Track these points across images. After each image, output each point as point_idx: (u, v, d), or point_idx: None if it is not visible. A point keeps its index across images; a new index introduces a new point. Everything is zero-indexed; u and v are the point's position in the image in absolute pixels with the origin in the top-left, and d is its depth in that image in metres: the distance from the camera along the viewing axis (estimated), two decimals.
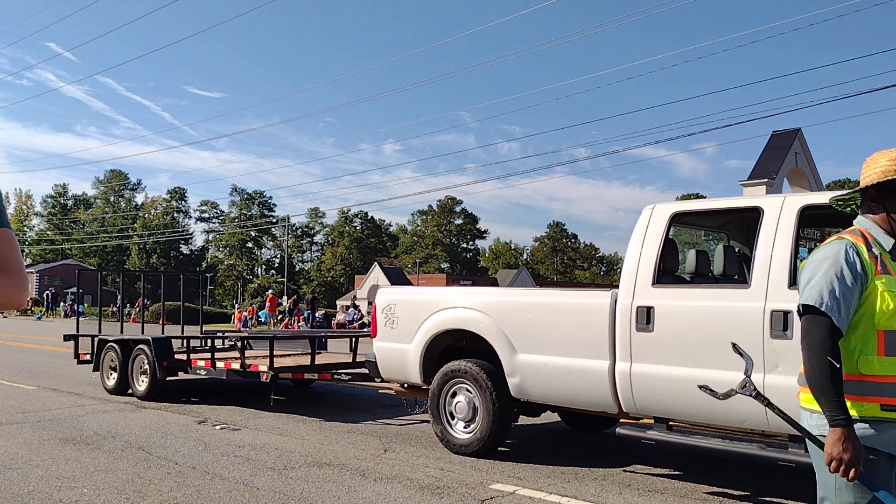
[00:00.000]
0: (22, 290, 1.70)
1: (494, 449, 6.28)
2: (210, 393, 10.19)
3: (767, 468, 6.25)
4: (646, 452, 6.81)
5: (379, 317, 7.07)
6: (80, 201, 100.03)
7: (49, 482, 5.30)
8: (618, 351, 5.39)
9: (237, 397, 9.70)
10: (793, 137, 27.72)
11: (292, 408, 9.02)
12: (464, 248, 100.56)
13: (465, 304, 6.42)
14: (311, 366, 8.98)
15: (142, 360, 9.54)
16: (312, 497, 5.01)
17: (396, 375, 7.03)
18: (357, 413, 8.80)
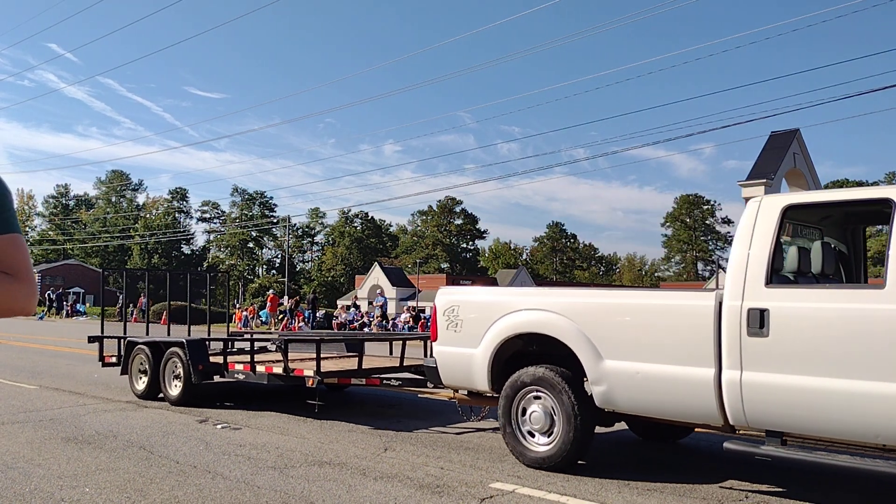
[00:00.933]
0: (32, 297, 1.67)
1: (574, 462, 5.82)
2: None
3: (768, 469, 6.28)
4: (645, 452, 6.85)
5: (439, 319, 6.64)
6: (82, 201, 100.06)
7: (51, 481, 5.33)
8: (725, 358, 4.93)
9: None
10: (791, 138, 27.72)
11: (293, 407, 9.05)
12: (464, 248, 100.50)
13: (542, 305, 5.99)
14: (359, 370, 8.45)
15: (174, 364, 9.15)
16: (313, 496, 5.04)
17: (460, 382, 6.59)
18: (358, 415, 8.81)
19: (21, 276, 1.67)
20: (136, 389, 9.70)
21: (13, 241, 1.70)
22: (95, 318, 43.66)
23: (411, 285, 59.52)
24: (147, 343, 9.70)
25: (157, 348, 9.50)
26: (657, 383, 5.29)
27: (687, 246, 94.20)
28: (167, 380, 9.27)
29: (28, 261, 1.71)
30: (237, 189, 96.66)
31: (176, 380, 9.17)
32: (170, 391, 9.20)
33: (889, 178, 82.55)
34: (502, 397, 6.11)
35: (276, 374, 8.37)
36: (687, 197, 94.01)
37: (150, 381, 9.45)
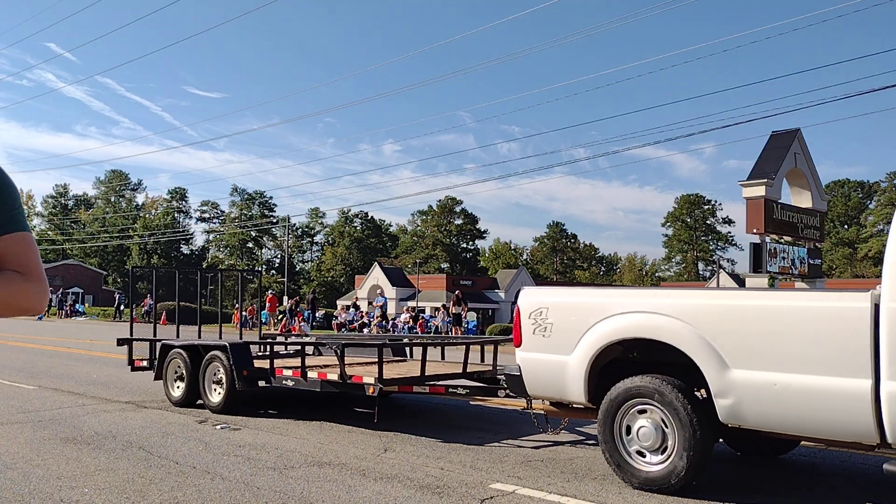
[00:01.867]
0: (42, 295, 1.66)
1: (690, 484, 5.21)
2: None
3: (768, 470, 6.25)
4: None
5: (524, 323, 6.13)
6: (81, 201, 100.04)
7: (50, 482, 5.32)
8: (884, 367, 4.41)
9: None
10: (792, 137, 27.70)
11: (292, 408, 9.03)
12: (464, 248, 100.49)
13: (651, 308, 5.41)
14: (422, 377, 7.77)
15: (215, 369, 8.58)
16: (313, 496, 5.03)
17: (549, 392, 6.05)
18: (358, 415, 8.79)
19: (32, 274, 1.66)
20: (171, 396, 9.13)
21: (23, 239, 1.68)
22: (94, 319, 43.66)
23: (411, 285, 59.50)
24: (184, 346, 9.09)
25: (196, 352, 8.93)
26: (798, 396, 4.72)
27: (688, 246, 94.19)
28: (207, 386, 8.67)
29: (38, 259, 1.70)
30: (237, 189, 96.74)
31: (217, 386, 8.59)
32: (210, 398, 8.60)
33: (889, 178, 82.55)
34: (602, 411, 5.52)
35: (330, 381, 7.73)
36: (688, 197, 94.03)
37: (188, 387, 8.87)
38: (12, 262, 1.64)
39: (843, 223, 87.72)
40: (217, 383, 8.60)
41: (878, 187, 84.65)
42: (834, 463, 6.53)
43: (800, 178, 28.61)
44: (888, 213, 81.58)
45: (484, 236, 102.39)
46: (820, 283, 28.75)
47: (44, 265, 1.70)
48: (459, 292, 28.56)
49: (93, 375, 12.29)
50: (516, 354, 6.22)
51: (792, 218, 27.70)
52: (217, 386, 8.60)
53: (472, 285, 63.38)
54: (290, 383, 8.13)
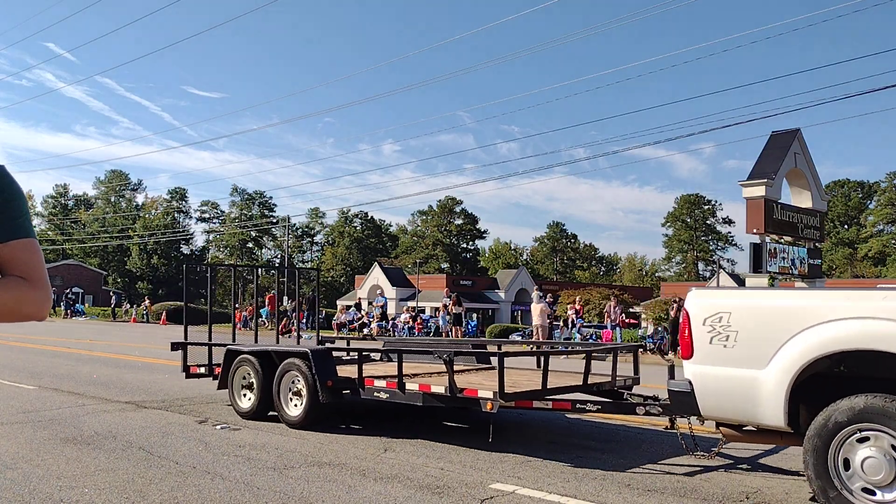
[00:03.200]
0: (45, 302, 1.67)
1: None
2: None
3: (768, 470, 6.26)
4: (645, 453, 6.83)
5: (697, 330, 5.28)
6: (81, 201, 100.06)
7: (50, 482, 5.32)
8: None
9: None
10: (792, 137, 27.69)
11: None
12: (464, 248, 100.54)
13: (880, 312, 4.51)
14: (544, 390, 6.82)
15: (293, 378, 7.73)
16: (313, 496, 5.03)
17: (731, 413, 5.15)
18: (357, 416, 8.79)
19: (36, 281, 1.66)
20: (238, 407, 8.30)
21: (29, 245, 1.69)
22: (94, 319, 43.68)
23: (411, 285, 59.50)
24: (255, 352, 8.23)
25: (269, 359, 8.10)
26: None
27: (688, 246, 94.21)
28: (283, 397, 7.81)
29: (43, 266, 1.71)
30: (237, 189, 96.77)
31: (295, 397, 7.72)
32: (287, 411, 7.74)
33: (889, 178, 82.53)
34: (810, 439, 4.65)
35: (435, 395, 6.86)
36: (688, 197, 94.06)
37: (260, 397, 8.02)
38: (16, 268, 1.65)
39: (843, 223, 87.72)
40: (295, 394, 7.72)
41: (878, 187, 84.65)
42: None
43: (800, 178, 28.62)
44: (888, 213, 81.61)
45: (484, 236, 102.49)
46: (820, 283, 28.75)
47: None
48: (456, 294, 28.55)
49: (93, 375, 12.30)
50: (685, 367, 5.38)
51: (792, 218, 27.71)
52: (295, 398, 7.72)
53: (472, 285, 63.40)
54: (383, 396, 7.20)
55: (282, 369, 7.86)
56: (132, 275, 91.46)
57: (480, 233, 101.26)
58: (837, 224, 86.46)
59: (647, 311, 37.17)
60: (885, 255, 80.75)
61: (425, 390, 6.94)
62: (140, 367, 14.01)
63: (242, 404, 8.28)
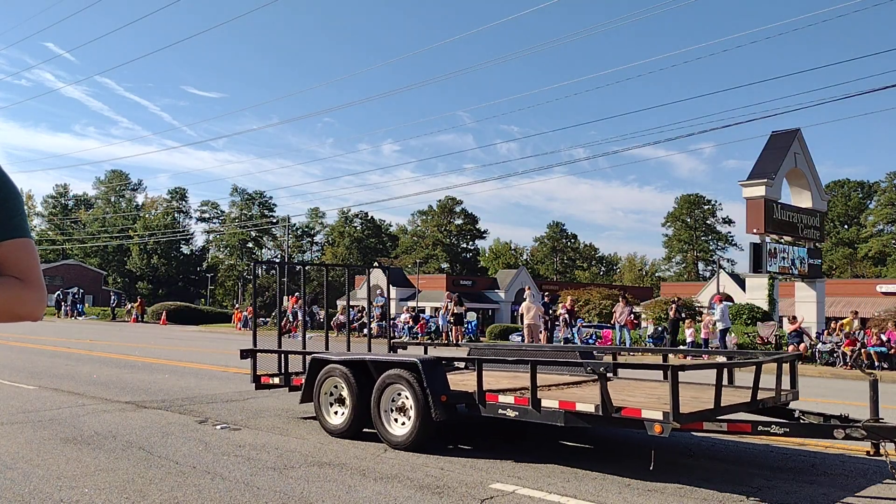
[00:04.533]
0: (40, 303, 1.66)
1: None
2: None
3: (769, 469, 6.26)
4: (645, 453, 6.83)
5: None
6: (81, 201, 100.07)
7: (50, 482, 5.32)
8: None
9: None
10: (792, 137, 27.71)
11: (292, 407, 9.03)
12: (464, 248, 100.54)
13: None
14: (717, 409, 5.75)
15: (396, 392, 6.78)
16: (313, 496, 5.03)
17: None
18: None
19: (31, 281, 1.65)
20: (327, 423, 7.36)
21: (24, 245, 1.67)
22: (94, 319, 43.65)
23: (411, 285, 59.48)
24: (347, 362, 7.37)
25: (364, 369, 7.22)
26: None
27: (688, 246, 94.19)
28: (383, 413, 6.86)
29: (38, 266, 1.69)
30: (237, 189, 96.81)
31: (399, 414, 6.77)
32: (389, 429, 6.78)
33: (889, 178, 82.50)
34: None
35: (581, 414, 5.82)
36: (688, 197, 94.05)
37: (354, 413, 7.11)
38: (11, 268, 1.64)
39: (843, 223, 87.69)
40: (399, 411, 6.77)
41: (878, 187, 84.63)
42: (834, 462, 6.52)
43: (800, 178, 28.63)
44: (888, 213, 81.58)
45: (484, 236, 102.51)
46: (820, 283, 28.76)
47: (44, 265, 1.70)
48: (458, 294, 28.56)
49: (93, 375, 12.29)
50: None
51: (792, 218, 27.72)
52: (399, 414, 6.77)
53: (472, 285, 63.39)
54: (510, 413, 6.21)
55: (382, 382, 6.88)
56: (132, 275, 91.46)
57: (480, 233, 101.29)
58: (837, 224, 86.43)
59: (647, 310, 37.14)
60: (885, 255, 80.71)
61: (568, 408, 5.88)
62: (140, 367, 14.01)
63: (332, 420, 7.34)
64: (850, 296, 47.37)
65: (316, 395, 7.52)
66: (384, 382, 6.87)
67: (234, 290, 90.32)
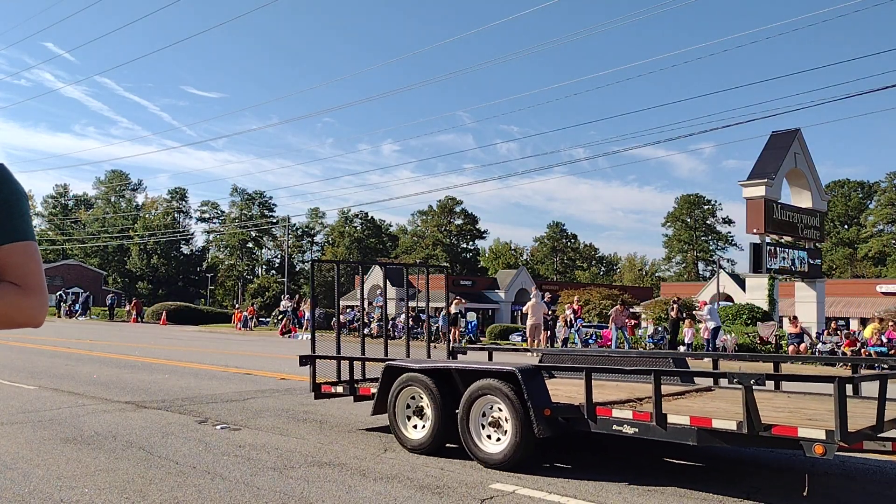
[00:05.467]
0: (40, 309, 1.60)
1: None
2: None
3: (768, 469, 6.26)
4: (645, 453, 6.82)
5: None
6: (81, 201, 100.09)
7: (50, 482, 5.31)
8: None
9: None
10: (792, 137, 27.72)
11: (293, 407, 9.03)
12: (464, 248, 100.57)
13: None
14: (880, 424, 5.04)
15: (489, 404, 6.11)
16: (313, 497, 5.03)
17: None
18: (357, 416, 8.79)
19: (31, 287, 1.59)
20: (404, 437, 6.68)
21: (26, 249, 1.61)
22: (95, 319, 43.64)
23: (411, 285, 59.49)
24: (429, 370, 6.66)
25: (448, 379, 6.58)
26: None
27: (688, 246, 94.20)
28: (473, 428, 6.17)
29: (41, 271, 1.63)
30: (237, 189, 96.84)
31: (492, 429, 6.08)
32: (480, 445, 6.09)
33: (889, 178, 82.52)
34: None
35: (720, 431, 5.09)
36: (688, 197, 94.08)
37: (437, 426, 6.42)
38: (11, 273, 1.58)
39: (843, 223, 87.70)
40: (493, 426, 6.09)
41: (878, 187, 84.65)
42: (833, 462, 6.52)
43: (800, 178, 28.64)
44: (888, 213, 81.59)
45: (484, 236, 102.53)
46: (820, 283, 28.76)
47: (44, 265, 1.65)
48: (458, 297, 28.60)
49: (93, 375, 12.29)
50: None
51: (792, 218, 27.73)
52: (493, 429, 6.09)
53: (472, 285, 63.41)
54: (627, 430, 5.50)
55: (472, 393, 6.20)
56: (132, 275, 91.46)
57: (480, 233, 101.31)
58: (837, 224, 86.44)
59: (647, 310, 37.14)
60: (885, 255, 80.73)
61: (702, 425, 5.12)
62: (140, 367, 14.01)
63: (411, 434, 6.67)
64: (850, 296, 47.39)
65: (391, 406, 6.81)
66: (474, 394, 6.18)
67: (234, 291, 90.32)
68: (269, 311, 38.86)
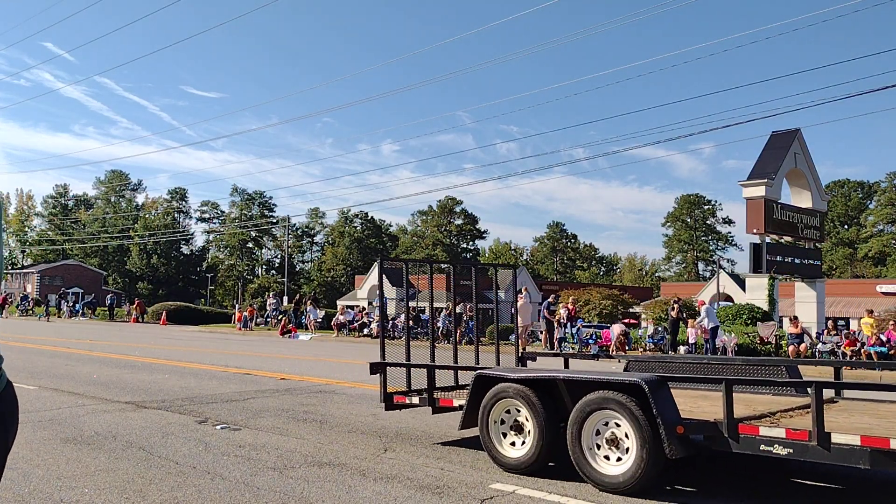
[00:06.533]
0: None
1: None
2: None
3: (766, 470, 6.25)
4: None
5: None
6: (81, 202, 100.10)
7: (50, 482, 5.32)
8: None
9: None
10: (792, 137, 27.71)
11: (293, 408, 9.03)
12: (464, 249, 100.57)
13: None
14: None
15: (604, 419, 5.40)
16: (313, 497, 5.03)
17: None
18: (357, 416, 8.78)
19: None
20: (500, 454, 5.99)
21: None
22: (95, 319, 43.64)
23: (411, 285, 59.46)
24: (529, 381, 5.98)
25: (552, 390, 5.92)
26: None
27: (688, 246, 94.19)
28: (587, 447, 5.46)
29: None
30: (237, 189, 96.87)
31: (611, 448, 5.35)
32: (597, 466, 5.38)
33: (889, 178, 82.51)
34: None
35: None
36: (688, 197, 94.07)
37: (541, 444, 5.72)
38: None
39: (843, 223, 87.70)
40: (611, 444, 5.36)
41: (878, 187, 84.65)
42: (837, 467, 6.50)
43: (800, 178, 28.63)
44: (888, 213, 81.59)
45: (484, 236, 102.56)
46: (820, 283, 28.76)
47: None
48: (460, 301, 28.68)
49: (93, 375, 12.29)
50: None
51: (792, 218, 27.72)
52: (612, 448, 5.35)
53: None
54: (780, 451, 4.76)
55: (585, 407, 5.49)
56: (132, 275, 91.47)
57: (480, 233, 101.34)
58: (837, 224, 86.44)
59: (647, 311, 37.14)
60: (885, 255, 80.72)
61: (878, 446, 4.40)
62: (140, 368, 14.01)
63: (507, 452, 5.97)
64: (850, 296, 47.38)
65: (483, 420, 6.12)
66: (587, 408, 5.48)
67: (234, 291, 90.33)
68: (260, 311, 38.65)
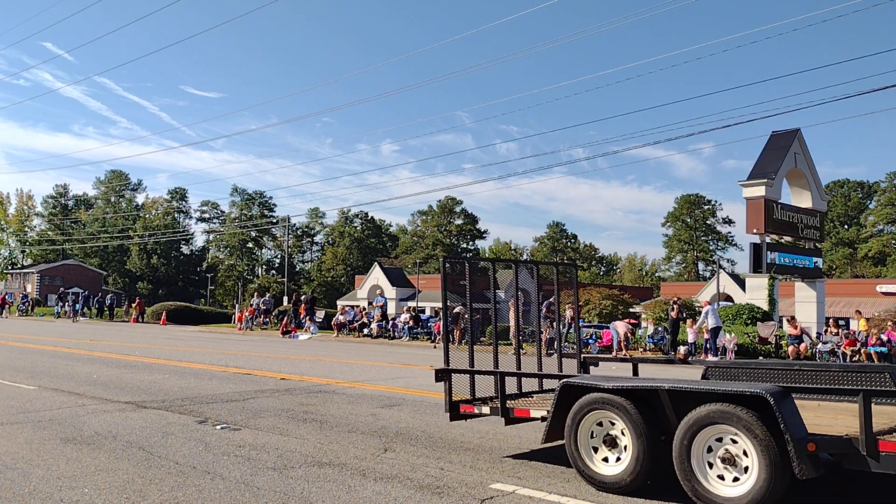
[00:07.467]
0: None
1: None
2: None
3: None
4: None
5: None
6: (81, 202, 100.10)
7: (50, 482, 5.31)
8: None
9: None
10: (792, 138, 27.71)
11: (292, 408, 9.03)
12: (464, 249, 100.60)
13: None
14: None
15: (717, 435, 4.90)
16: (313, 497, 5.03)
17: None
18: (357, 416, 8.79)
19: None
20: (592, 471, 5.50)
21: None
22: (95, 319, 43.63)
23: (411, 285, 59.46)
24: (627, 391, 5.46)
25: (652, 401, 5.40)
26: None
27: (688, 246, 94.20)
28: (697, 465, 4.96)
29: None
30: (237, 189, 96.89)
31: (727, 467, 4.85)
32: (709, 486, 4.89)
33: (890, 178, 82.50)
34: None
35: None
36: (688, 197, 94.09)
37: (641, 461, 5.24)
38: None
39: (843, 223, 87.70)
40: (726, 462, 4.86)
41: (878, 187, 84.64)
42: None
43: (800, 178, 28.63)
44: (888, 213, 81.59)
45: (484, 236, 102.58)
46: (820, 283, 28.76)
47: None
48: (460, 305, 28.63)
49: (93, 375, 12.29)
50: None
51: (792, 218, 27.72)
52: (727, 467, 4.86)
53: None
54: None
55: (695, 421, 4.98)
56: (132, 275, 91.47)
57: (480, 233, 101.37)
58: (837, 224, 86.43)
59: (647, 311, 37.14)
60: (885, 255, 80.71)
61: None
62: (140, 367, 14.01)
63: (600, 469, 5.47)
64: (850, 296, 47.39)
65: (570, 433, 5.62)
66: (698, 422, 4.96)
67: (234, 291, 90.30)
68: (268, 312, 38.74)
